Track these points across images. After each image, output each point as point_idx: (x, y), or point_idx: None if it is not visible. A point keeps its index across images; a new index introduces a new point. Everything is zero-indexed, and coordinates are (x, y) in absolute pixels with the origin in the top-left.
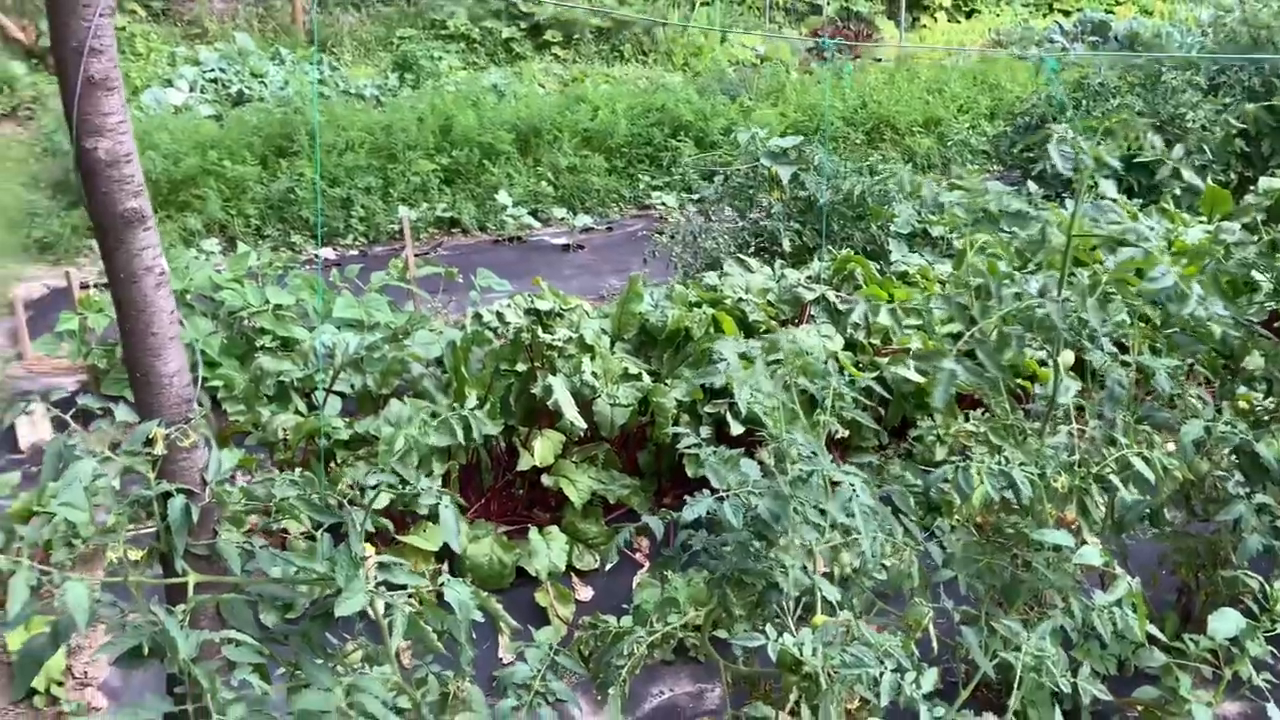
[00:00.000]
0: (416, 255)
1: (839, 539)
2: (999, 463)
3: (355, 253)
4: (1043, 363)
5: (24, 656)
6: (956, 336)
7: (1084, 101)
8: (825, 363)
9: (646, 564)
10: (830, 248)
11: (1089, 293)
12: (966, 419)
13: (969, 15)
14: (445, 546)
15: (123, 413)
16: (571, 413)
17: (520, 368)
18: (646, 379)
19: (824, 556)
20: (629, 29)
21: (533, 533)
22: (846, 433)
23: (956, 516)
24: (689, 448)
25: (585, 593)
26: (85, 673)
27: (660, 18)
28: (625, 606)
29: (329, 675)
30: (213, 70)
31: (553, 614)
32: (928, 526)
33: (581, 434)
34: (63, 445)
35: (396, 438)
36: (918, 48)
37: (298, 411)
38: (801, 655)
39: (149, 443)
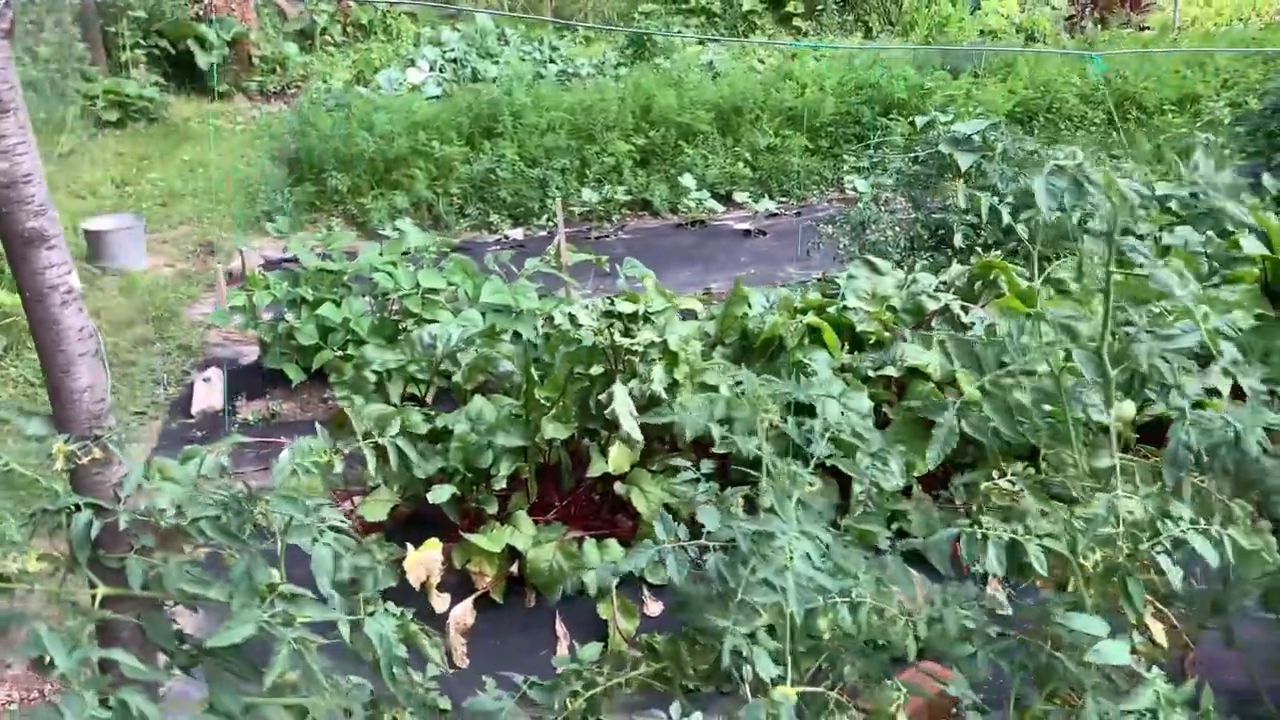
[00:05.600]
0: (601, 237)
1: (820, 601)
2: (1015, 530)
3: (544, 234)
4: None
5: None
6: None
7: None
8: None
9: None
10: (1016, 245)
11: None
12: (1037, 469)
13: None
14: (512, 548)
15: (35, 426)
16: (629, 424)
17: (596, 371)
18: (724, 390)
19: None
20: None
21: (587, 544)
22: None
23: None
24: (684, 483)
25: (655, 607)
26: None
27: None
28: None
29: (234, 698)
30: (453, 50)
31: (613, 627)
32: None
33: (642, 444)
34: None
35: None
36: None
37: (388, 402)
38: None
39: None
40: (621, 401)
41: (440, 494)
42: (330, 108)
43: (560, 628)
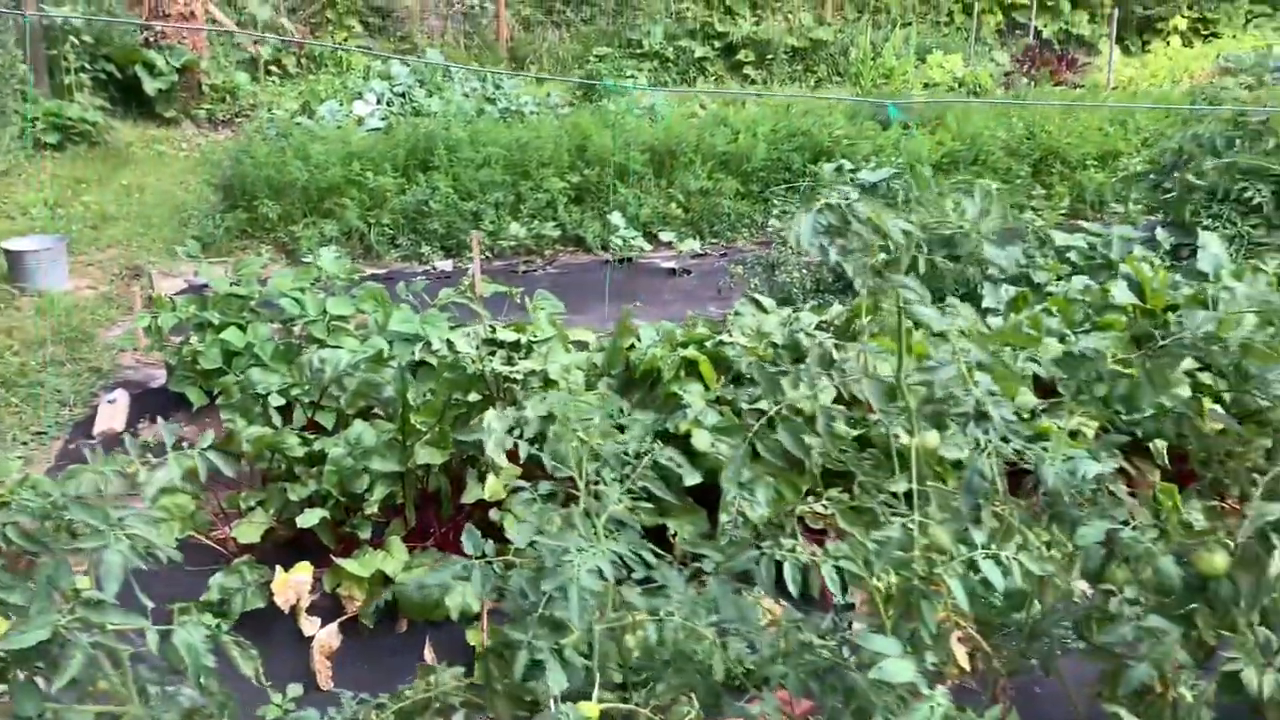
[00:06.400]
0: (529, 271)
1: (630, 618)
2: (815, 553)
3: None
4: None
5: None
6: None
7: (1239, 141)
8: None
9: None
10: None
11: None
12: (854, 493)
13: (1207, 39)
14: (380, 573)
15: None
16: (493, 451)
17: (475, 398)
18: (597, 419)
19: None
20: (825, 49)
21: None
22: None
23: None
24: (520, 502)
25: None
26: None
27: (851, 39)
28: None
29: (36, 704)
30: (401, 85)
31: (482, 653)
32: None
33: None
34: None
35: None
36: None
37: (269, 424)
38: None
39: None
40: (489, 429)
41: (309, 518)
42: (268, 136)
43: (429, 653)
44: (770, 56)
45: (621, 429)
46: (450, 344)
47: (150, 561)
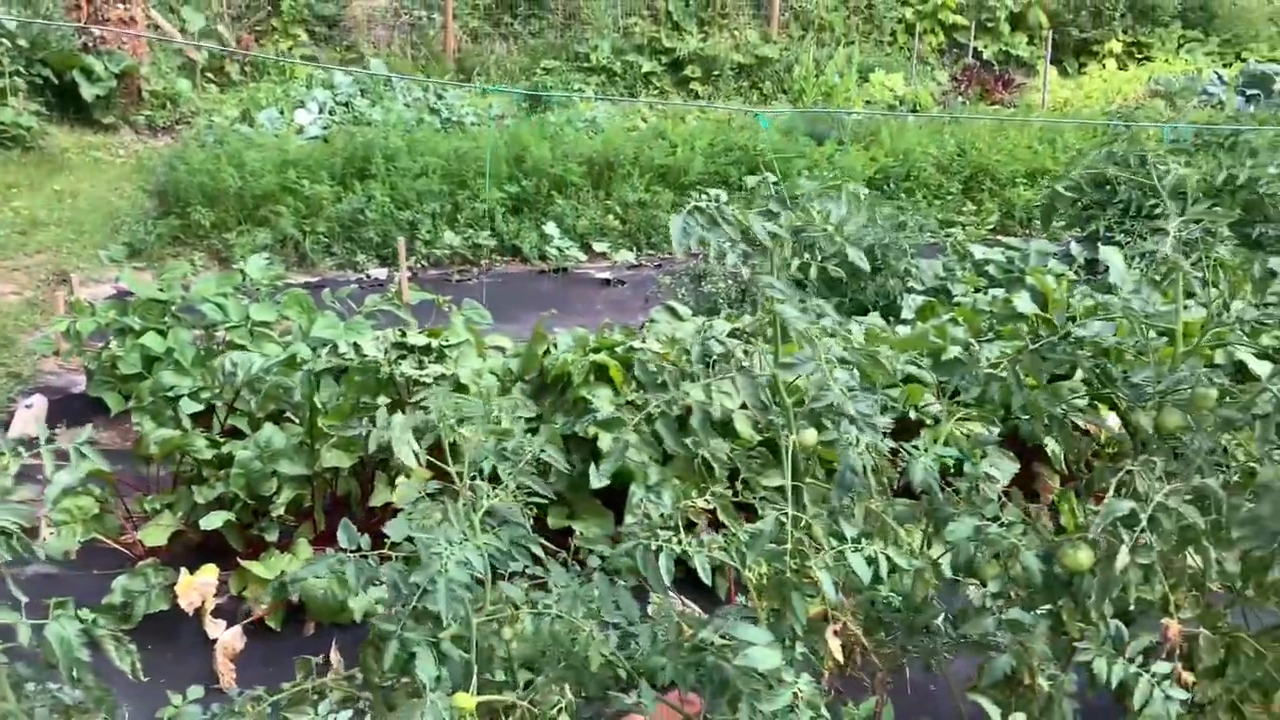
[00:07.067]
0: (463, 280)
1: (510, 611)
2: (690, 543)
3: (408, 275)
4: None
5: None
6: None
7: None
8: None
9: None
10: (841, 300)
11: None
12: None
13: (1140, 62)
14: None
15: None
16: (404, 453)
17: (384, 401)
18: (505, 424)
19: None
20: (770, 66)
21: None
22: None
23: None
24: (408, 501)
25: None
26: None
27: (796, 57)
28: None
29: None
30: (344, 94)
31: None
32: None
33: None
34: None
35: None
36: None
37: (179, 427)
38: None
39: None
40: (400, 432)
41: (212, 520)
42: (205, 143)
43: (335, 655)
44: (716, 73)
45: (533, 431)
46: (357, 347)
47: (29, 556)
